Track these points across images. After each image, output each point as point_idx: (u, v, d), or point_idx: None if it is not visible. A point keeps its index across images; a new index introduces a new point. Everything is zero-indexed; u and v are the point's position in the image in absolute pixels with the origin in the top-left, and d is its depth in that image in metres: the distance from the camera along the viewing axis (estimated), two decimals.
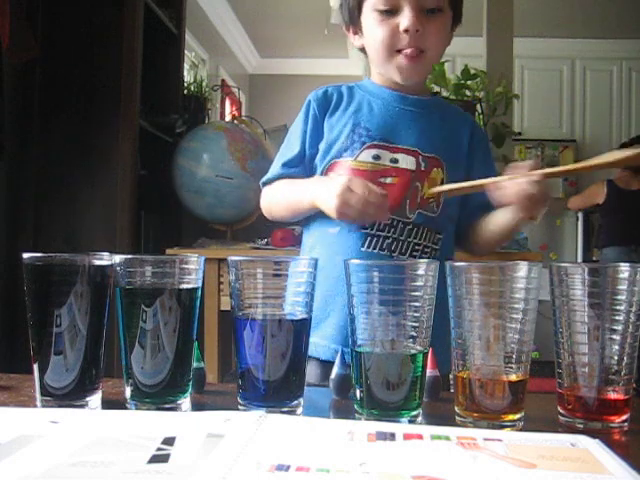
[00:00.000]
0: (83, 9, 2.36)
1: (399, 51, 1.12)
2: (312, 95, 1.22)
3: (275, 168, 1.23)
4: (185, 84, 3.01)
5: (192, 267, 0.68)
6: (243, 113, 5.35)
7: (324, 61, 6.70)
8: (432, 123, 1.19)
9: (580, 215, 5.39)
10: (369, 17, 1.14)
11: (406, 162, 1.14)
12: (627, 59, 5.86)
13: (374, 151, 1.14)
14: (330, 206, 1.01)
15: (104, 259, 0.68)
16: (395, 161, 1.14)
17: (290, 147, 1.22)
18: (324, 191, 1.04)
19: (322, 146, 1.19)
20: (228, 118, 4.13)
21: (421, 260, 1.11)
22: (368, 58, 1.21)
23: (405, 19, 1.09)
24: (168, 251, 2.28)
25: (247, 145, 2.52)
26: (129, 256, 0.67)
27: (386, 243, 1.12)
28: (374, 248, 1.12)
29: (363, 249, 1.11)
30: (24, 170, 2.30)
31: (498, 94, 3.00)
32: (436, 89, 2.45)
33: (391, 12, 1.11)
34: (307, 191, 1.12)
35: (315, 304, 1.13)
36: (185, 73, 3.15)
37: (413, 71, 1.14)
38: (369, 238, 1.12)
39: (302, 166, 1.20)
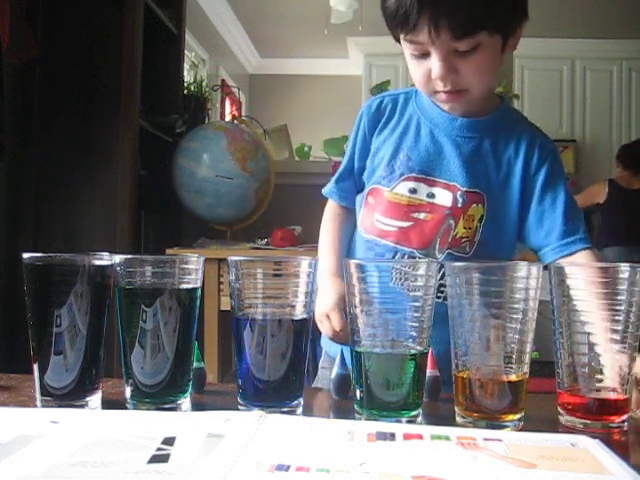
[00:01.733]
0: (83, 9, 2.37)
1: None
2: (365, 108, 1.18)
3: (332, 182, 1.24)
4: (185, 84, 3.02)
5: (192, 267, 0.68)
6: (243, 113, 5.35)
7: (324, 61, 6.70)
8: (479, 151, 1.10)
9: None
10: (406, 53, 1.06)
11: (443, 198, 1.08)
12: (627, 59, 5.86)
13: (411, 184, 1.10)
14: (315, 317, 1.04)
15: (104, 259, 0.67)
16: (432, 196, 1.09)
17: (344, 159, 1.23)
18: (318, 298, 1.05)
19: (368, 163, 1.17)
20: (228, 118, 4.14)
21: (421, 260, 1.11)
22: None
23: (434, 68, 0.99)
24: (168, 251, 2.29)
25: (247, 145, 2.52)
26: (129, 256, 0.67)
27: None
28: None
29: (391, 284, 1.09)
30: (24, 170, 2.30)
31: (498, 94, 2.99)
32: None
33: (423, 56, 1.01)
34: (319, 276, 1.13)
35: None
36: (185, 73, 3.15)
37: (455, 106, 1.07)
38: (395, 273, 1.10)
39: (352, 179, 1.20)
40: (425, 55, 1.00)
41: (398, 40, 1.05)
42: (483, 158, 1.10)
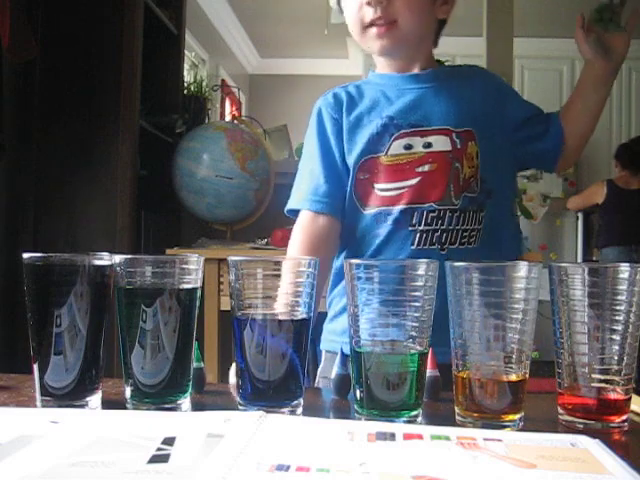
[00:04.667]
0: (83, 9, 2.36)
1: (371, 25, 1.07)
2: (321, 101, 1.17)
3: (302, 192, 1.14)
4: (185, 84, 3.01)
5: (192, 267, 0.68)
6: (243, 113, 5.35)
7: (324, 61, 6.70)
8: (452, 93, 1.12)
9: (580, 215, 5.39)
10: None
11: (440, 144, 1.07)
12: (627, 59, 5.77)
13: (404, 140, 1.08)
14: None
15: (104, 259, 0.67)
16: (428, 145, 1.07)
17: (313, 164, 1.15)
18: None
19: (346, 145, 1.12)
20: (228, 118, 4.13)
21: (421, 260, 1.10)
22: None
23: None
24: (168, 251, 2.29)
25: (247, 145, 2.51)
26: (129, 256, 0.67)
27: (435, 237, 1.06)
28: (424, 244, 1.06)
29: (413, 247, 1.06)
30: (24, 170, 2.30)
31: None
32: None
33: None
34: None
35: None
36: (185, 73, 3.14)
37: (386, 42, 1.09)
38: (418, 235, 1.06)
39: (334, 179, 1.12)
40: None
41: None
42: (456, 97, 1.12)
